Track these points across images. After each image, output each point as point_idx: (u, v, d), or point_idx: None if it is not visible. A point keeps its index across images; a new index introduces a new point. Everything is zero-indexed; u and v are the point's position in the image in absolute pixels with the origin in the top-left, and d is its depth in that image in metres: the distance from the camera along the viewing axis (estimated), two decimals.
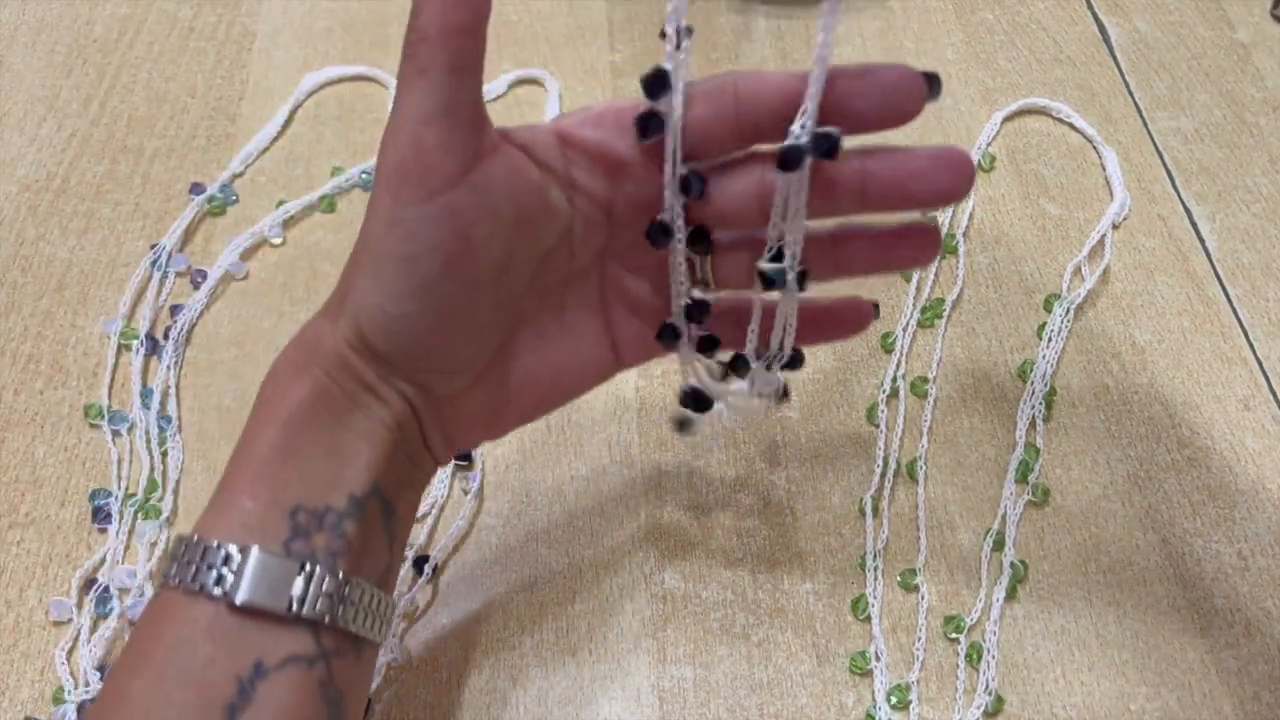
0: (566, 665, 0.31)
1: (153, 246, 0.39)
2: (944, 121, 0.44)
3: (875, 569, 0.32)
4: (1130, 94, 0.44)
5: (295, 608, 0.21)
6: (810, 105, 0.22)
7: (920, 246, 0.25)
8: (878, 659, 0.31)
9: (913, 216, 0.25)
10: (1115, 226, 0.40)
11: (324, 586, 0.22)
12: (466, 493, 0.34)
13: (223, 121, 0.44)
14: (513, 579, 0.32)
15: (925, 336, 0.38)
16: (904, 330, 0.37)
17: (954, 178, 0.23)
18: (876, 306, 0.27)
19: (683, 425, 0.30)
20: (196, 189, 0.41)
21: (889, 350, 0.37)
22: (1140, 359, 0.37)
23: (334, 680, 0.22)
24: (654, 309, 0.27)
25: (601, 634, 0.31)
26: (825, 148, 0.23)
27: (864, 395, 0.36)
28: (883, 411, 0.36)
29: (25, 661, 0.31)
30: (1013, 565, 0.32)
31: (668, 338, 0.27)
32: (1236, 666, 0.31)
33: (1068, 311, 0.38)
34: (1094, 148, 0.43)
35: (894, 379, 0.36)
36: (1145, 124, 0.43)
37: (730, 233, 0.25)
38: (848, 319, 0.27)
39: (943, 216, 0.40)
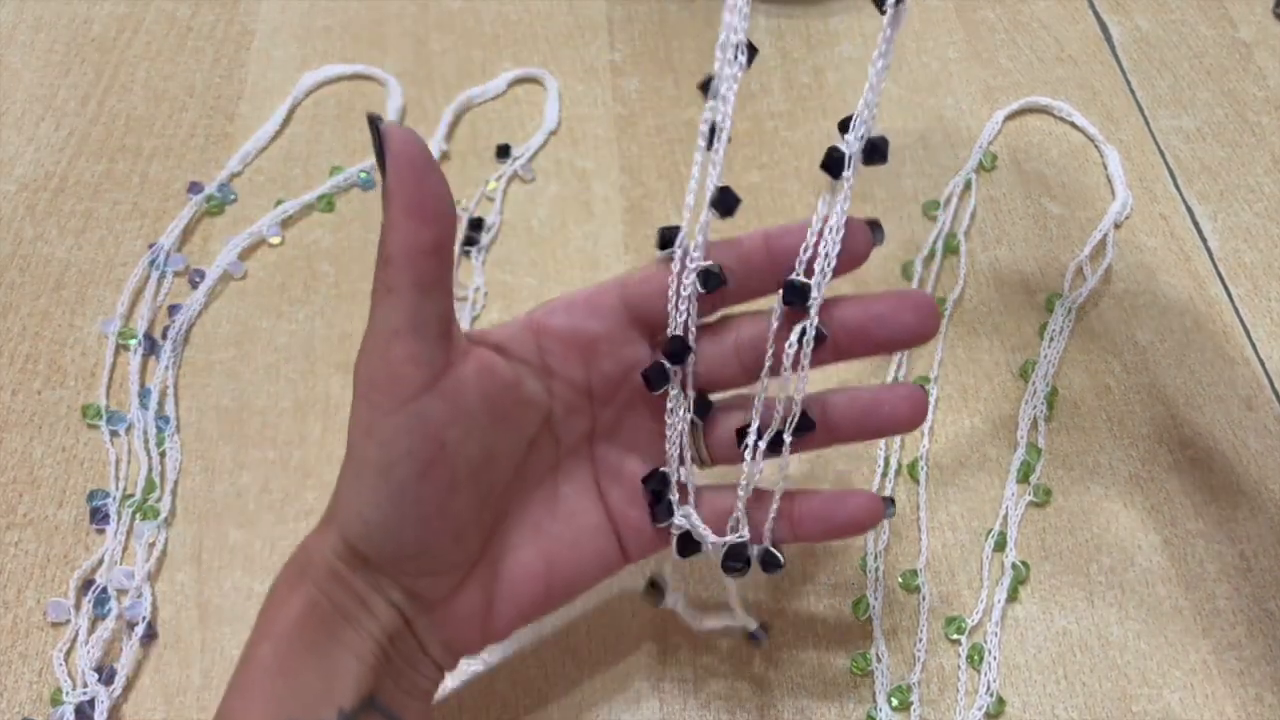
0: (566, 665, 0.31)
1: (151, 246, 0.39)
2: (945, 121, 0.43)
3: (876, 570, 0.32)
4: (1132, 93, 0.44)
5: None
6: (866, 113, 0.22)
7: (907, 403, 0.25)
8: (879, 660, 0.30)
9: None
10: (1117, 226, 0.40)
11: None
12: None
13: (221, 120, 0.43)
14: None
15: None
16: None
17: (917, 317, 0.24)
18: (892, 501, 0.27)
19: (654, 589, 0.29)
20: (195, 188, 0.41)
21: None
22: (1142, 359, 0.37)
23: None
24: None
25: (601, 634, 0.31)
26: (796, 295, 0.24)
27: None
28: None
29: (23, 662, 0.31)
30: (1014, 566, 0.32)
31: (654, 482, 0.26)
32: (1239, 668, 0.31)
33: (1069, 311, 0.37)
34: (1096, 147, 0.42)
35: (895, 378, 0.36)
36: (1147, 123, 0.43)
37: (720, 395, 0.26)
38: (858, 515, 0.26)
39: (944, 216, 0.40)
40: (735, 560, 0.26)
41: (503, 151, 0.42)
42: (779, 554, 0.26)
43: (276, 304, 0.38)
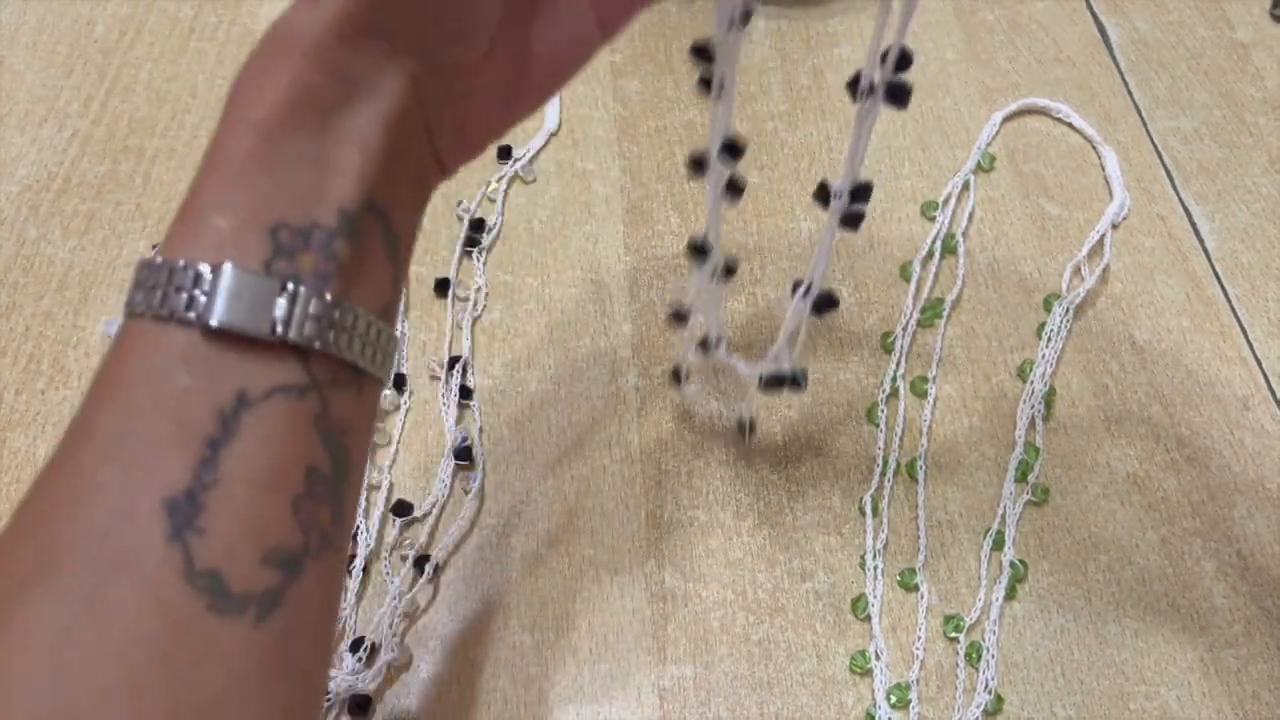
0: (567, 664, 0.31)
1: (153, 247, 0.39)
2: (944, 121, 0.44)
3: (875, 568, 0.32)
4: (1130, 94, 0.44)
5: (279, 330, 0.19)
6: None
7: None
8: (877, 658, 0.31)
9: None
10: (1115, 226, 0.40)
11: (311, 308, 0.19)
12: (467, 492, 0.34)
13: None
14: (513, 578, 0.32)
15: (925, 336, 0.38)
16: (904, 330, 0.37)
17: None
18: None
19: (675, 377, 0.32)
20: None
21: (889, 350, 0.37)
22: (1140, 358, 0.37)
23: (330, 414, 0.20)
24: None
25: (602, 633, 0.31)
26: None
27: (864, 395, 0.36)
28: (883, 411, 0.36)
29: None
30: (1012, 565, 0.32)
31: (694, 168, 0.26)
32: (1236, 666, 0.31)
33: (1067, 311, 0.38)
34: (1093, 148, 0.43)
35: (894, 379, 0.36)
36: (1145, 124, 0.43)
37: None
38: None
39: (943, 216, 0.40)
40: (771, 385, 0.29)
41: (504, 153, 0.43)
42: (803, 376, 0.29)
43: None
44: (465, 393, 0.36)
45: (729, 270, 0.29)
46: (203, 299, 0.18)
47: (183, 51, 0.46)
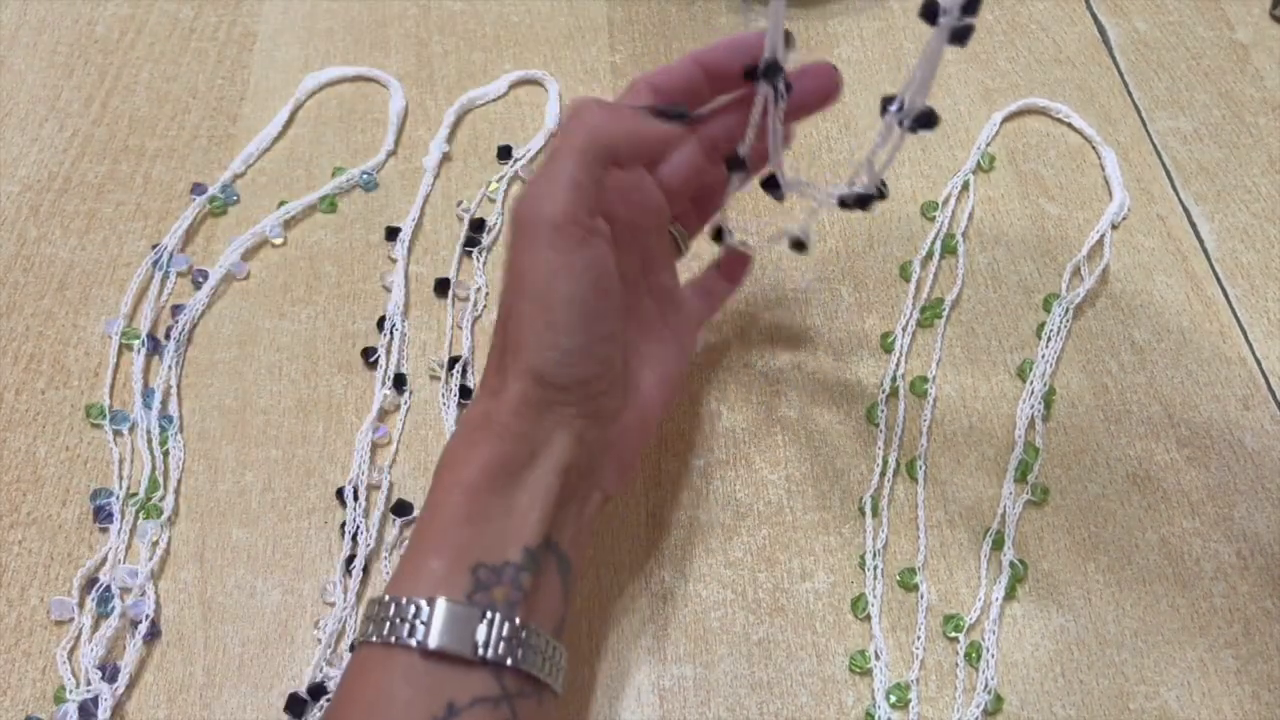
0: (567, 664, 0.31)
1: (154, 246, 0.39)
2: (943, 122, 0.43)
3: (875, 568, 0.32)
4: (1129, 94, 0.44)
5: (480, 651, 0.23)
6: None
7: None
8: (877, 658, 0.31)
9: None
10: (1114, 226, 0.40)
11: (503, 631, 0.24)
12: None
13: (224, 122, 0.44)
14: None
15: (924, 336, 0.38)
16: (903, 330, 0.37)
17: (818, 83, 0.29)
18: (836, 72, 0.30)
19: (719, 233, 0.34)
20: (198, 189, 0.41)
21: (888, 350, 0.37)
22: (1139, 358, 0.37)
23: (518, 718, 0.24)
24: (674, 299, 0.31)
25: (601, 633, 0.31)
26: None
27: (863, 395, 0.36)
28: (882, 411, 0.36)
29: (27, 661, 0.31)
30: (1012, 564, 0.32)
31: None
32: (1235, 666, 0.31)
33: (1067, 311, 0.38)
34: (1093, 148, 0.43)
35: (893, 378, 0.36)
36: (1144, 124, 0.43)
37: None
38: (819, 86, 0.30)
39: (942, 217, 0.40)
40: (854, 203, 0.30)
41: (504, 153, 0.43)
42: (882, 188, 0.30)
43: (279, 304, 0.39)
44: (465, 393, 0.36)
45: (789, 87, 0.29)
46: (421, 628, 0.23)
47: (183, 51, 0.46)
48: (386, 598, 0.24)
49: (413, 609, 0.24)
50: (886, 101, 0.27)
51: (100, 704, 0.30)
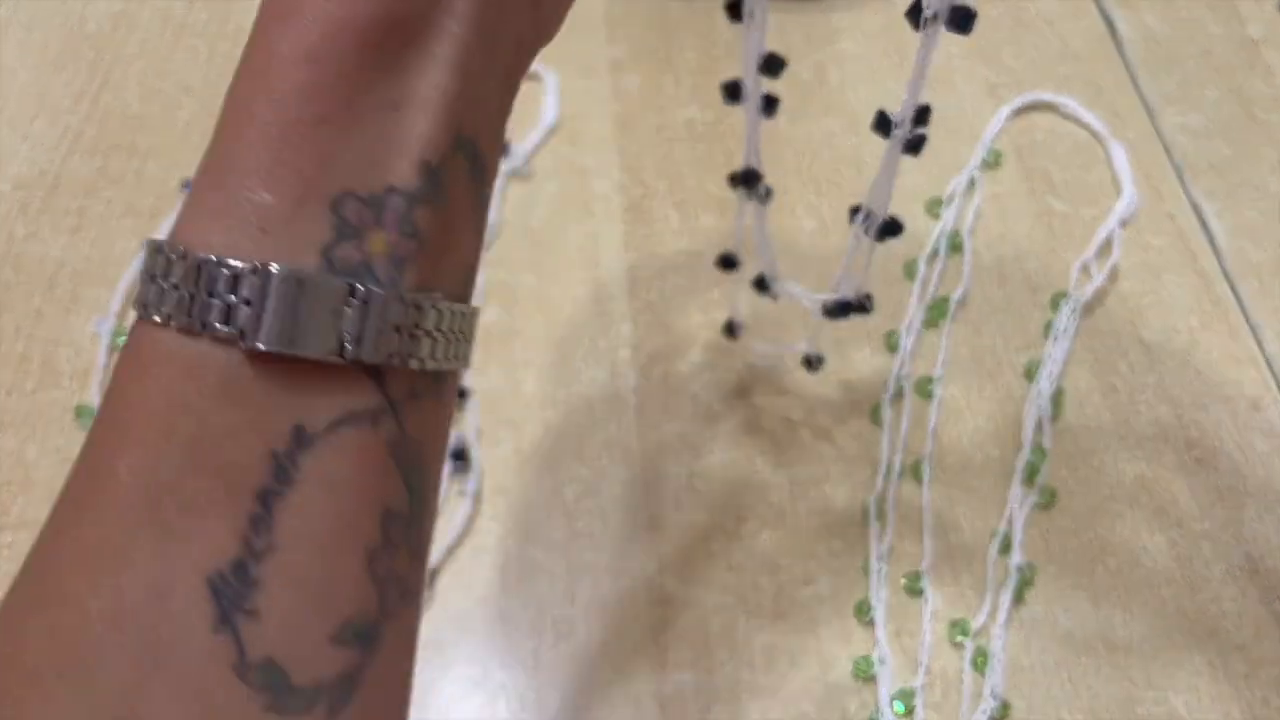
0: (565, 670, 0.30)
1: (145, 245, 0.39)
2: (949, 117, 0.43)
3: (879, 572, 0.32)
4: (1138, 90, 0.44)
5: (347, 349, 0.14)
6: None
7: None
8: (882, 664, 0.30)
9: None
10: (1123, 224, 0.40)
11: (388, 315, 0.15)
12: (464, 495, 0.33)
13: (216, 119, 0.43)
14: (510, 583, 0.32)
15: (930, 336, 0.37)
16: (908, 329, 0.37)
17: None
18: None
19: (730, 329, 0.34)
20: (189, 186, 0.41)
21: (893, 350, 0.37)
22: (1148, 358, 0.36)
23: (408, 436, 0.15)
24: None
25: (601, 639, 0.31)
26: None
27: (868, 395, 0.36)
28: (887, 412, 0.35)
29: None
30: (1019, 568, 0.32)
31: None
32: (1245, 670, 0.30)
33: (1075, 310, 0.37)
34: (1101, 144, 0.42)
35: (898, 379, 0.36)
36: (1153, 120, 0.43)
37: None
38: None
39: (948, 214, 0.40)
40: (838, 312, 0.30)
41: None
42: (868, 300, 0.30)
43: None
44: (461, 393, 0.36)
45: (768, 193, 0.29)
46: (245, 311, 0.14)
47: (175, 48, 0.45)
48: (181, 250, 0.15)
49: (228, 276, 0.14)
50: (854, 211, 0.27)
51: None
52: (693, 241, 0.39)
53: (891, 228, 0.27)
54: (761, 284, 0.32)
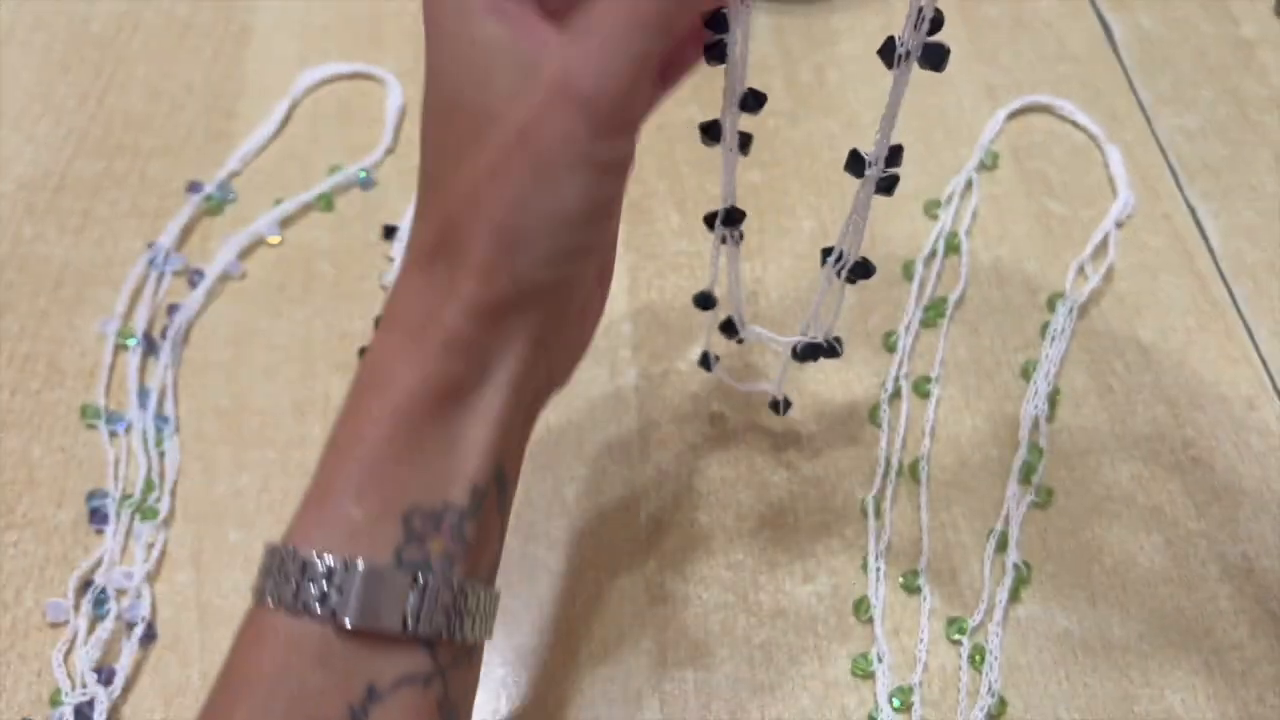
0: (566, 668, 0.31)
1: (150, 245, 0.39)
2: (947, 119, 0.43)
3: (877, 570, 0.32)
4: (1134, 91, 0.44)
5: (410, 625, 0.19)
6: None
7: None
8: (880, 661, 0.30)
9: None
10: (1119, 225, 0.40)
11: (440, 599, 0.20)
12: None
13: (220, 119, 0.43)
14: (512, 581, 0.32)
15: (928, 336, 0.37)
16: (906, 329, 0.37)
17: None
18: None
19: (704, 361, 0.33)
20: (194, 187, 0.41)
21: (891, 350, 0.37)
22: (1144, 358, 0.37)
23: (449, 694, 0.21)
24: None
25: (602, 636, 0.31)
26: None
27: (866, 395, 0.36)
28: (885, 411, 0.35)
29: (22, 663, 0.30)
30: (1016, 567, 0.32)
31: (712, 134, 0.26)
32: (1241, 668, 0.31)
33: (1071, 311, 0.37)
34: (1098, 145, 0.42)
35: (896, 379, 0.36)
36: (1149, 121, 0.43)
37: None
38: None
39: (946, 215, 0.40)
40: (807, 355, 0.30)
41: None
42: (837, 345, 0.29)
43: (275, 304, 0.38)
44: None
45: (740, 237, 0.28)
46: (336, 596, 0.19)
47: (179, 48, 0.46)
48: (292, 549, 0.20)
49: (324, 569, 0.19)
50: (825, 253, 0.27)
51: (96, 707, 0.29)
52: (693, 241, 0.40)
53: (863, 269, 0.27)
54: (729, 328, 0.31)
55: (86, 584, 0.32)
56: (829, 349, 0.30)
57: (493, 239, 0.20)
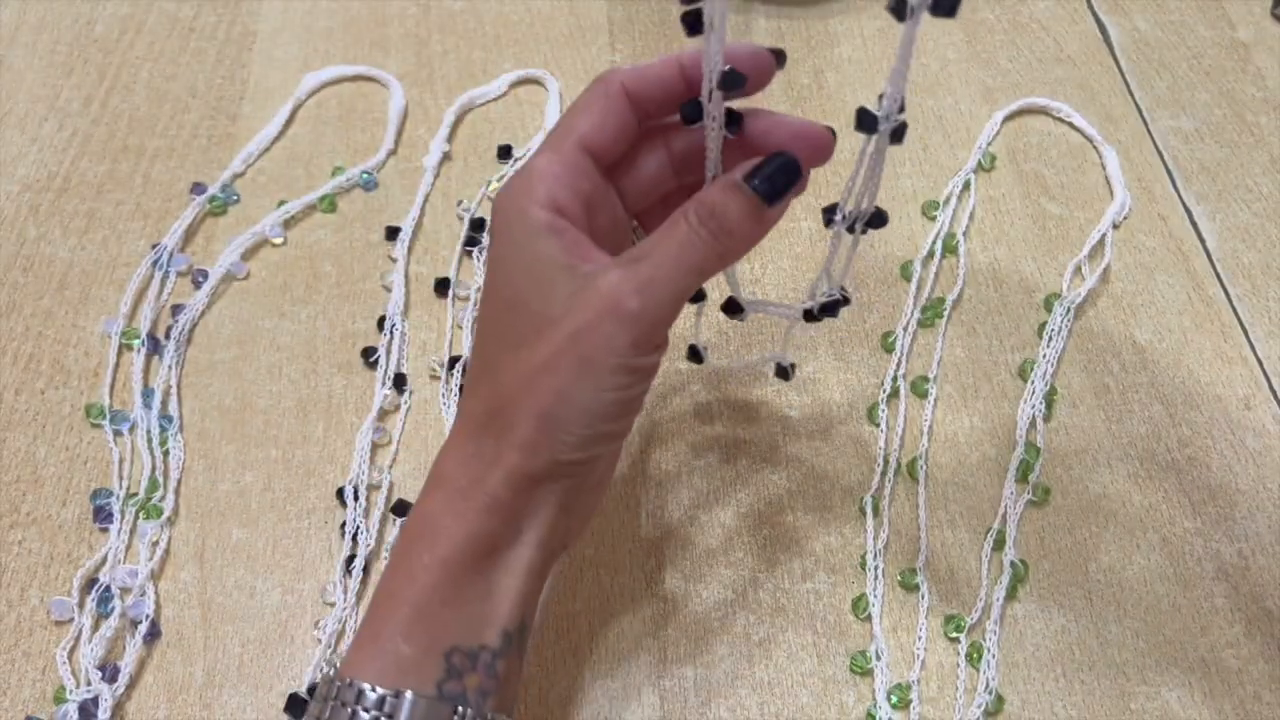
0: (567, 664, 0.31)
1: (154, 246, 0.39)
2: (945, 121, 0.44)
3: (876, 568, 0.32)
4: (1130, 93, 0.44)
5: None
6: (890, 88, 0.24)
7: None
8: (878, 658, 0.31)
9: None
10: (1115, 226, 0.40)
11: None
12: None
13: (224, 121, 0.44)
14: None
15: (926, 336, 0.38)
16: (904, 329, 0.37)
17: (810, 151, 0.25)
18: (833, 132, 0.27)
19: (694, 353, 0.34)
20: (197, 189, 0.41)
21: (889, 350, 0.37)
22: (1140, 358, 0.37)
23: None
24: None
25: (602, 633, 0.31)
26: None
27: (864, 395, 0.36)
28: (883, 411, 0.36)
29: (27, 661, 0.31)
30: (1013, 565, 0.32)
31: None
32: (1237, 666, 0.31)
33: (1068, 311, 0.38)
34: (1094, 147, 0.43)
35: (894, 378, 0.36)
36: (1146, 123, 0.43)
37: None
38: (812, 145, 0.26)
39: (943, 216, 0.40)
40: (824, 313, 0.30)
41: (504, 152, 0.43)
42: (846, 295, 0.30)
43: (279, 304, 0.38)
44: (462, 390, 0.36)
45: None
46: None
47: (183, 51, 0.46)
48: (348, 681, 0.23)
49: (376, 699, 0.22)
50: (828, 211, 0.27)
51: (100, 704, 0.30)
52: None
53: (879, 218, 0.27)
54: (732, 307, 0.31)
55: (91, 582, 0.32)
56: (844, 299, 0.30)
57: (538, 422, 0.23)
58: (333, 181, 0.41)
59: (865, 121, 0.25)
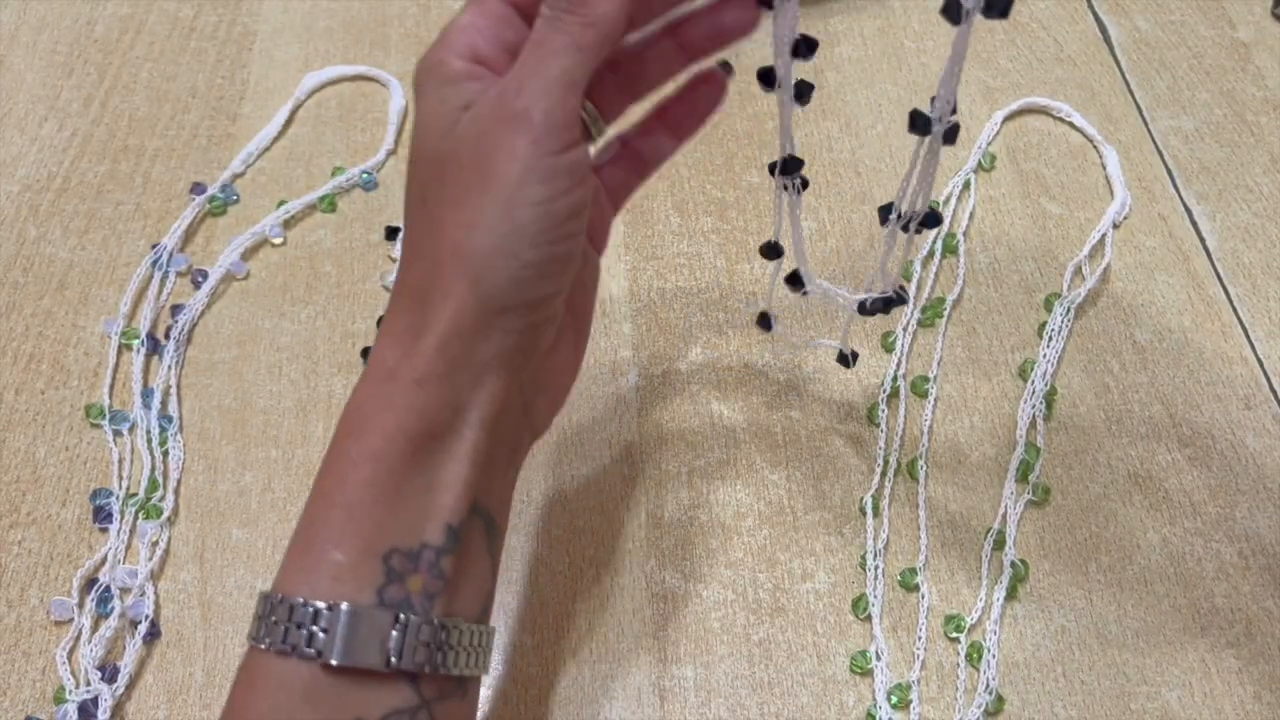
0: (567, 665, 0.31)
1: (154, 246, 0.39)
2: None
3: (876, 568, 0.32)
4: (1131, 93, 0.44)
5: (392, 661, 0.21)
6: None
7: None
8: (878, 658, 0.31)
9: None
10: (1116, 226, 0.40)
11: (420, 635, 0.21)
12: None
13: (223, 121, 0.44)
14: (513, 578, 0.32)
15: (926, 336, 0.38)
16: (904, 330, 0.37)
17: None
18: (726, 65, 0.27)
19: (764, 320, 0.35)
20: (197, 189, 0.41)
21: (890, 350, 0.37)
22: (1141, 358, 0.37)
23: None
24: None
25: (602, 633, 0.31)
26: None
27: (865, 395, 0.36)
28: (883, 411, 0.36)
29: (26, 661, 0.31)
30: (1013, 564, 0.32)
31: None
32: (1237, 666, 0.31)
33: (1068, 311, 0.38)
34: (1094, 147, 0.43)
35: (895, 378, 0.36)
36: (1146, 123, 0.43)
37: None
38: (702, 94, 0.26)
39: (944, 216, 0.40)
40: (876, 308, 0.30)
41: None
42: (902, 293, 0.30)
43: (279, 304, 0.39)
44: None
45: (805, 185, 0.29)
46: (322, 636, 0.20)
47: (183, 51, 0.46)
48: (280, 597, 0.21)
49: (310, 612, 0.20)
50: (884, 210, 0.28)
51: (100, 704, 0.30)
52: (692, 242, 0.40)
53: (933, 218, 0.28)
54: (795, 280, 0.31)
55: (91, 582, 0.32)
56: (898, 298, 0.30)
57: (459, 264, 0.21)
58: (333, 181, 0.41)
59: (918, 124, 0.25)
